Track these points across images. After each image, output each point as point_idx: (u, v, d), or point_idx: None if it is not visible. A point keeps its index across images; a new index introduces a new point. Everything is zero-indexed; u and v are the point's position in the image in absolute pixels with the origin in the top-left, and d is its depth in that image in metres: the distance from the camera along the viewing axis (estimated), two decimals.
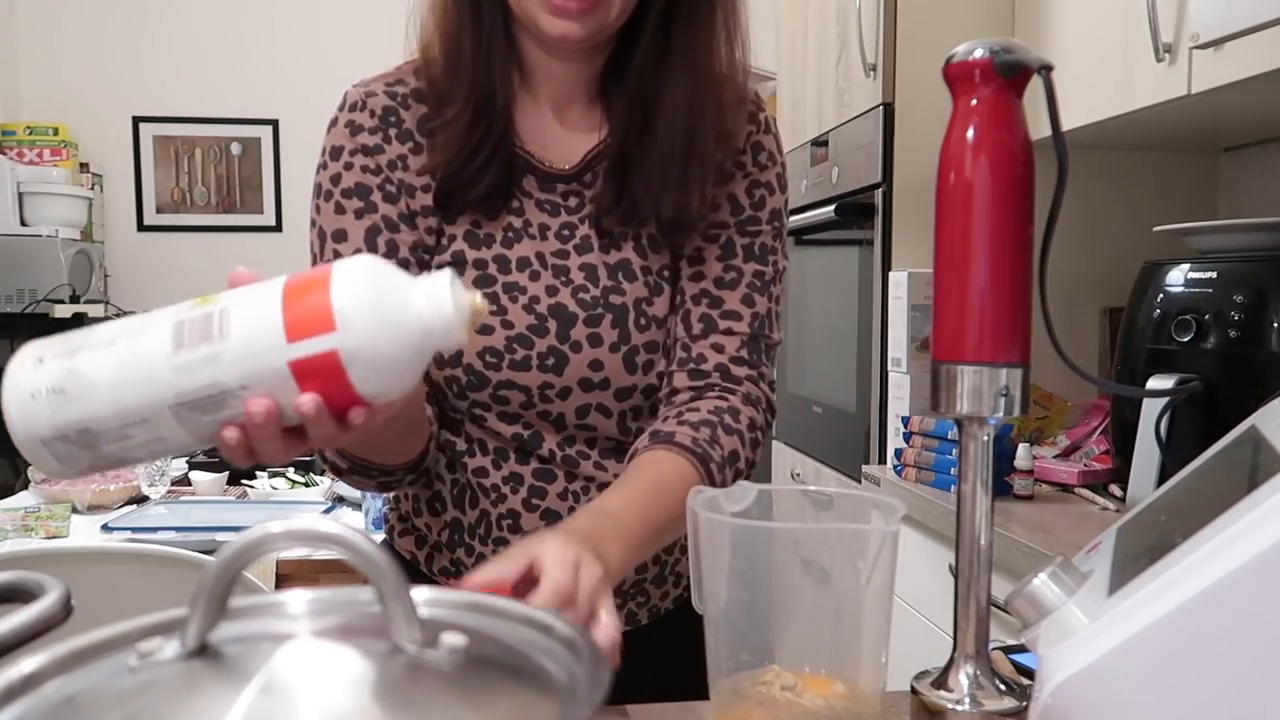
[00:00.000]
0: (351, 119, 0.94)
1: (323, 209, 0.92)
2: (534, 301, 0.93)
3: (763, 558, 0.65)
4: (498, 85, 0.92)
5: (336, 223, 0.92)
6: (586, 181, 0.97)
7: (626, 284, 0.95)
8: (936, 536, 1.66)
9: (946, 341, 0.65)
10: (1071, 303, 2.06)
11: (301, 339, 0.59)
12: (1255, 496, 0.47)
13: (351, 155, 0.93)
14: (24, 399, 0.58)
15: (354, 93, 0.96)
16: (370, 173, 0.93)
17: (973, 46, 0.64)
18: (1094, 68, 1.72)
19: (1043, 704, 0.49)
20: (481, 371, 0.91)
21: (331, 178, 0.93)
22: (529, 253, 0.94)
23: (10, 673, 0.37)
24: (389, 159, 0.93)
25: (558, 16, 0.87)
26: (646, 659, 0.89)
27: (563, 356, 0.92)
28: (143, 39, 4.13)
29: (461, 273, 0.92)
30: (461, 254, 0.93)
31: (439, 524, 0.99)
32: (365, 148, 0.93)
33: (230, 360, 0.58)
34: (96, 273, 3.79)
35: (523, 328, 0.92)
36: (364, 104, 0.95)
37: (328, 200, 0.92)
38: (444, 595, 0.44)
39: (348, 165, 0.93)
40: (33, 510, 1.93)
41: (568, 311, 0.93)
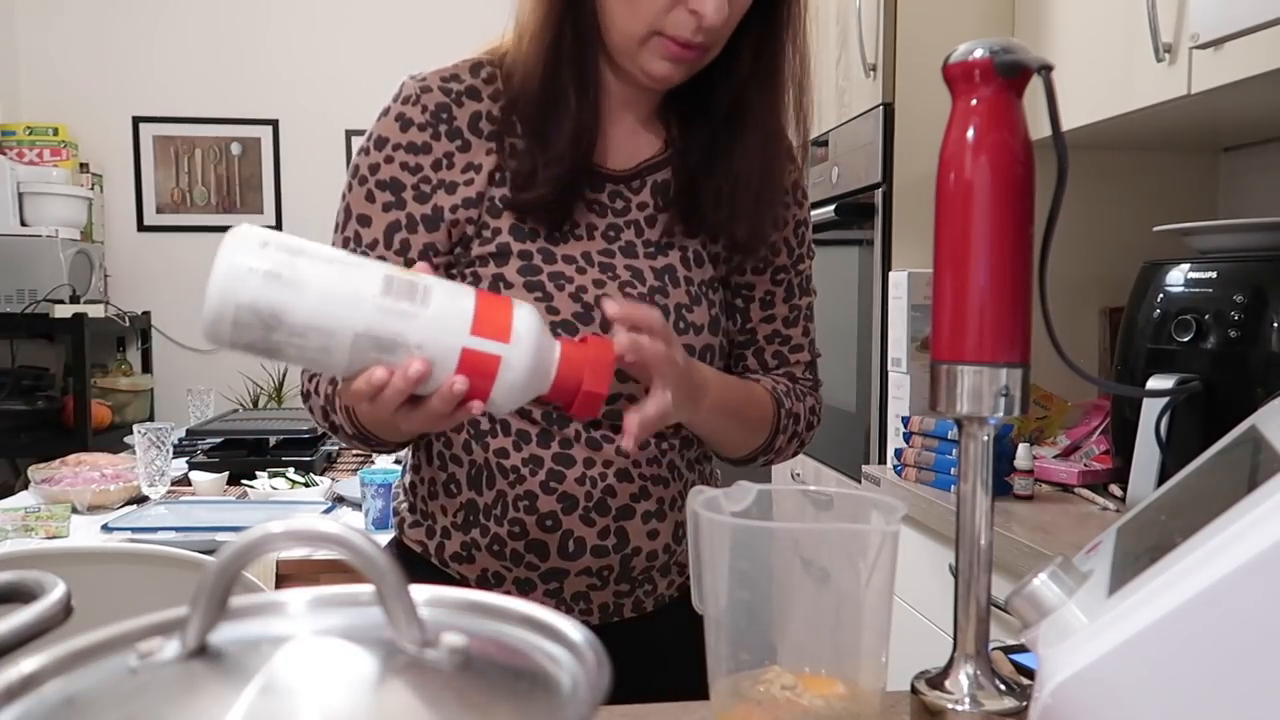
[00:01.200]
0: (403, 112, 0.97)
1: (354, 190, 0.98)
2: (580, 291, 0.96)
3: (763, 558, 0.65)
4: (591, 123, 0.96)
5: (364, 207, 0.98)
6: (635, 187, 1.01)
7: (671, 289, 1.00)
8: (936, 536, 1.66)
9: (946, 341, 0.65)
10: (1071, 303, 2.06)
11: (482, 337, 0.73)
12: (1255, 496, 0.47)
13: (394, 149, 0.97)
14: (238, 268, 0.69)
15: (410, 85, 0.98)
16: (408, 170, 0.97)
17: (973, 46, 0.64)
18: (1094, 68, 1.72)
19: (1043, 704, 0.49)
20: None
21: (370, 165, 0.98)
22: (575, 251, 0.98)
23: (10, 673, 0.37)
24: (434, 158, 0.97)
25: (670, 62, 0.92)
26: (650, 645, 0.99)
27: None
28: (142, 39, 4.13)
29: (506, 262, 0.95)
30: (507, 245, 0.96)
31: (454, 505, 1.01)
32: (411, 144, 0.97)
33: (421, 323, 0.71)
34: (96, 273, 3.79)
35: (568, 314, 0.95)
36: (418, 99, 0.97)
37: (361, 184, 0.98)
38: (444, 595, 0.44)
39: (388, 158, 0.97)
40: (33, 510, 1.93)
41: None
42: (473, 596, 0.44)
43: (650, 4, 0.90)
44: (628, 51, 0.94)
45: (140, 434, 2.04)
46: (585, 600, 1.01)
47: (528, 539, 0.98)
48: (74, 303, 3.52)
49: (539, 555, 0.99)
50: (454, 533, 1.01)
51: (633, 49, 0.93)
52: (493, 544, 0.99)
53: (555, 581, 1.00)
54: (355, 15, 4.26)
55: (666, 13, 0.90)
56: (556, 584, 1.00)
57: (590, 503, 0.97)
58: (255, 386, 4.18)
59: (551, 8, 0.93)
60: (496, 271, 0.95)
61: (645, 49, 0.92)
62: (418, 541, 1.04)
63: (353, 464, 2.58)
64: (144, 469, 2.06)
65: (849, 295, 2.25)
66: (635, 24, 0.91)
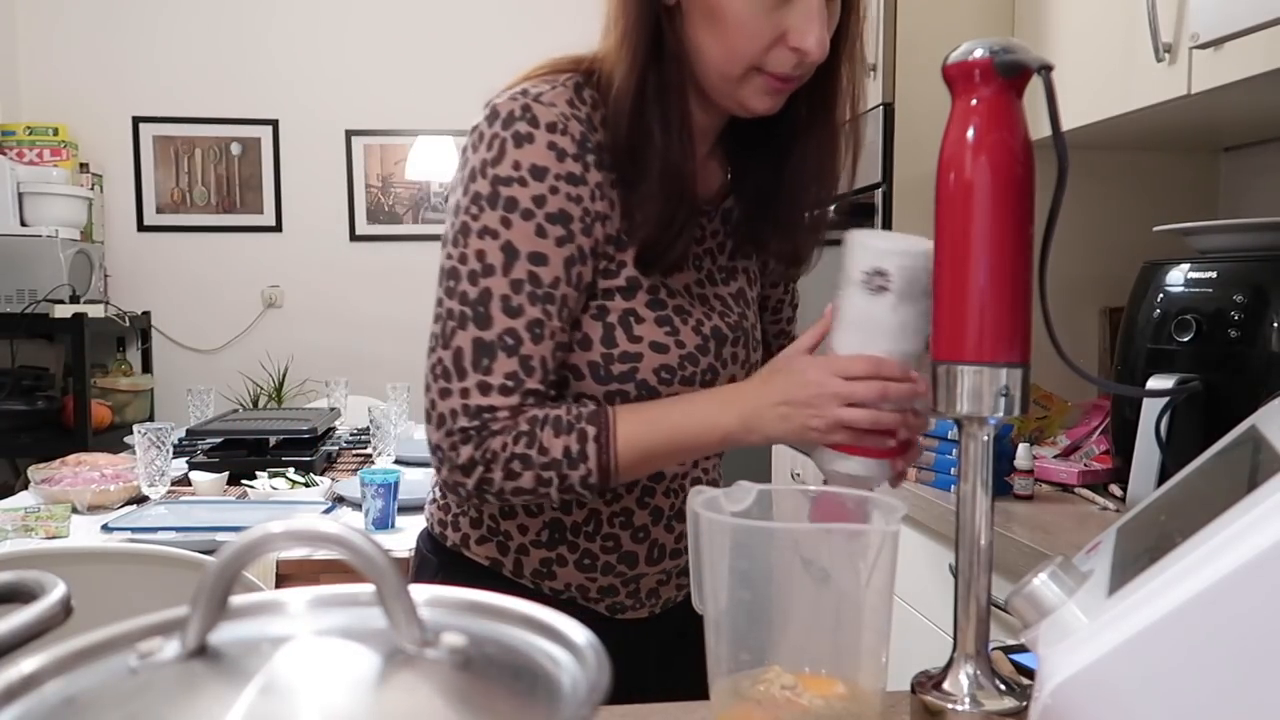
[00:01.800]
0: (553, 141, 0.91)
1: (517, 225, 0.90)
2: (700, 324, 0.99)
3: (763, 558, 0.65)
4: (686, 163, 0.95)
5: (536, 244, 0.90)
6: (710, 215, 1.04)
7: (747, 311, 1.07)
8: (936, 536, 1.66)
9: (946, 341, 0.65)
10: (1071, 303, 2.06)
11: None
12: (1255, 496, 0.47)
13: (556, 180, 0.91)
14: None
15: (545, 111, 0.91)
16: (572, 201, 0.92)
17: (973, 46, 0.64)
18: (1094, 68, 1.72)
19: (1043, 704, 0.49)
20: (655, 386, 0.96)
21: (535, 198, 0.90)
22: (680, 283, 1.00)
23: (10, 673, 0.37)
24: (590, 189, 0.93)
25: (771, 96, 0.93)
26: (653, 647, 1.05)
27: (715, 374, 1.01)
28: (142, 39, 4.13)
29: (634, 296, 0.96)
30: (636, 280, 0.96)
31: (536, 524, 1.02)
32: (571, 175, 0.92)
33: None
34: (96, 273, 3.79)
35: (692, 347, 0.98)
36: (564, 128, 0.92)
37: (527, 219, 0.90)
38: (444, 595, 0.44)
39: (553, 189, 0.91)
40: (33, 510, 1.93)
41: (723, 333, 1.01)
42: (473, 596, 0.44)
43: (750, 46, 0.90)
44: (724, 89, 0.93)
45: (140, 434, 2.04)
46: (655, 595, 1.07)
47: (620, 551, 1.03)
48: (74, 303, 3.52)
49: (628, 565, 1.04)
50: (534, 549, 1.02)
51: (730, 87, 0.93)
52: (583, 559, 1.02)
53: (635, 584, 1.05)
54: (355, 15, 4.26)
55: (767, 51, 0.90)
56: (635, 585, 1.05)
57: (673, 511, 1.04)
58: (255, 386, 4.18)
59: (639, 49, 0.92)
60: (627, 306, 0.96)
61: (744, 86, 0.92)
62: (488, 557, 1.04)
63: (353, 464, 2.58)
64: (144, 469, 2.06)
65: None
66: (734, 64, 0.91)
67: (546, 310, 0.90)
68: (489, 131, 0.91)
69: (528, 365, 0.89)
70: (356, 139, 4.31)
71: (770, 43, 0.90)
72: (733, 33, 0.89)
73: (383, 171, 4.34)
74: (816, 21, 0.89)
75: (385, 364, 4.15)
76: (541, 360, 0.90)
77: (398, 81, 4.26)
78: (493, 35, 4.21)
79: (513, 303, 0.89)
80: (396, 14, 4.28)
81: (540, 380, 0.90)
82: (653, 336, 0.96)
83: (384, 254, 4.34)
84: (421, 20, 4.26)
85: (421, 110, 4.23)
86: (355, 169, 4.32)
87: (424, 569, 1.09)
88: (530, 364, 0.90)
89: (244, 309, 4.29)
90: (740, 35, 0.89)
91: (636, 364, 0.95)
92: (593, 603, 1.04)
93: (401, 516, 1.94)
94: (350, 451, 2.77)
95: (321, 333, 4.29)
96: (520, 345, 0.89)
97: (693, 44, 0.92)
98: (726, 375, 1.02)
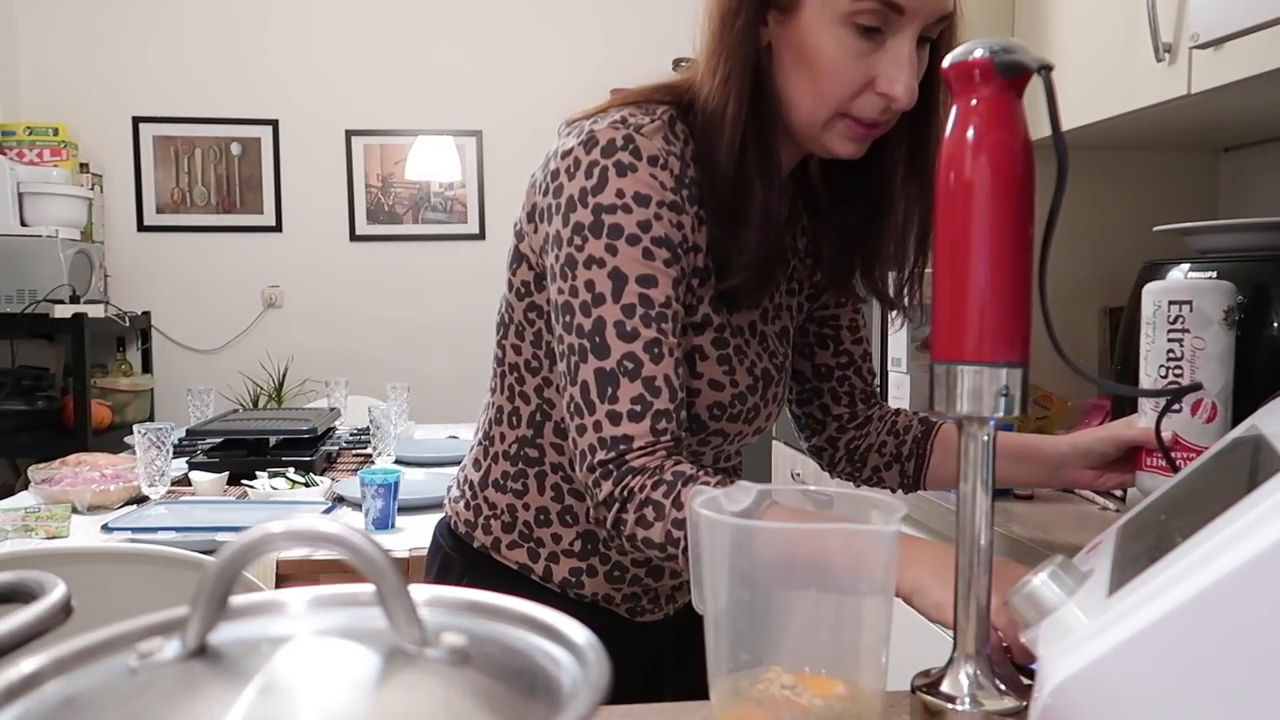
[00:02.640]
0: (654, 174, 0.91)
1: (623, 251, 0.89)
2: (753, 365, 1.01)
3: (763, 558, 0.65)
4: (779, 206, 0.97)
5: (644, 268, 0.90)
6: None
7: (788, 349, 1.09)
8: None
9: (946, 341, 0.65)
10: (1071, 303, 2.06)
11: None
12: (1255, 496, 0.47)
13: (660, 208, 0.91)
14: None
15: (648, 145, 0.91)
16: (675, 228, 0.92)
17: (973, 46, 0.64)
18: (1094, 68, 1.72)
19: (1043, 704, 0.49)
20: (705, 421, 0.98)
21: (640, 223, 0.90)
22: (744, 321, 1.02)
23: (10, 673, 0.37)
24: (690, 219, 0.93)
25: (856, 142, 0.93)
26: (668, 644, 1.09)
27: (759, 412, 1.02)
28: (142, 39, 4.13)
29: (703, 333, 0.97)
30: (709, 318, 0.97)
31: (569, 535, 1.03)
32: (675, 204, 0.92)
33: None
34: (96, 273, 3.79)
35: (743, 387, 1.00)
36: (665, 162, 0.92)
37: (633, 244, 0.90)
38: (444, 595, 0.44)
39: (657, 216, 0.91)
40: (33, 510, 1.93)
41: (771, 374, 1.03)
42: (473, 596, 0.44)
43: (839, 91, 0.90)
44: (810, 134, 0.94)
45: (140, 434, 2.04)
46: (673, 600, 1.10)
47: (649, 565, 1.04)
48: (74, 303, 3.52)
49: (655, 577, 1.06)
50: (565, 558, 1.04)
51: (815, 131, 0.93)
52: (613, 570, 1.04)
53: (655, 591, 1.08)
54: (355, 15, 4.26)
55: (854, 98, 0.90)
56: (655, 592, 1.08)
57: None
58: (255, 386, 4.18)
59: (743, 91, 0.91)
60: (696, 342, 0.97)
61: (829, 130, 0.92)
62: (519, 563, 1.05)
63: (353, 464, 2.58)
64: (144, 469, 2.06)
65: None
66: (822, 109, 0.91)
67: (661, 329, 0.89)
68: (587, 159, 0.90)
69: (652, 386, 0.88)
70: (356, 139, 4.31)
71: (860, 88, 0.89)
72: (823, 76, 0.89)
73: (383, 171, 4.34)
74: (906, 69, 0.88)
75: (385, 364, 4.16)
76: (665, 379, 0.89)
77: (397, 81, 4.26)
78: (493, 35, 4.21)
79: (627, 328, 0.88)
80: (396, 14, 4.27)
81: (669, 400, 0.89)
82: (712, 374, 0.97)
83: (384, 254, 4.34)
84: (421, 21, 4.26)
85: (421, 110, 4.24)
86: (355, 169, 4.32)
87: (449, 567, 1.08)
88: (655, 384, 0.88)
89: (244, 309, 4.29)
90: (831, 80, 0.89)
91: (694, 399, 0.96)
92: (615, 606, 1.07)
93: (401, 516, 1.94)
94: (350, 451, 2.77)
95: (321, 333, 4.29)
96: (641, 368, 0.88)
97: (781, 86, 0.92)
98: (764, 415, 1.04)
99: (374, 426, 2.47)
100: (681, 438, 0.90)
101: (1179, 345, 1.18)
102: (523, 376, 1.01)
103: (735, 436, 1.03)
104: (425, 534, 1.89)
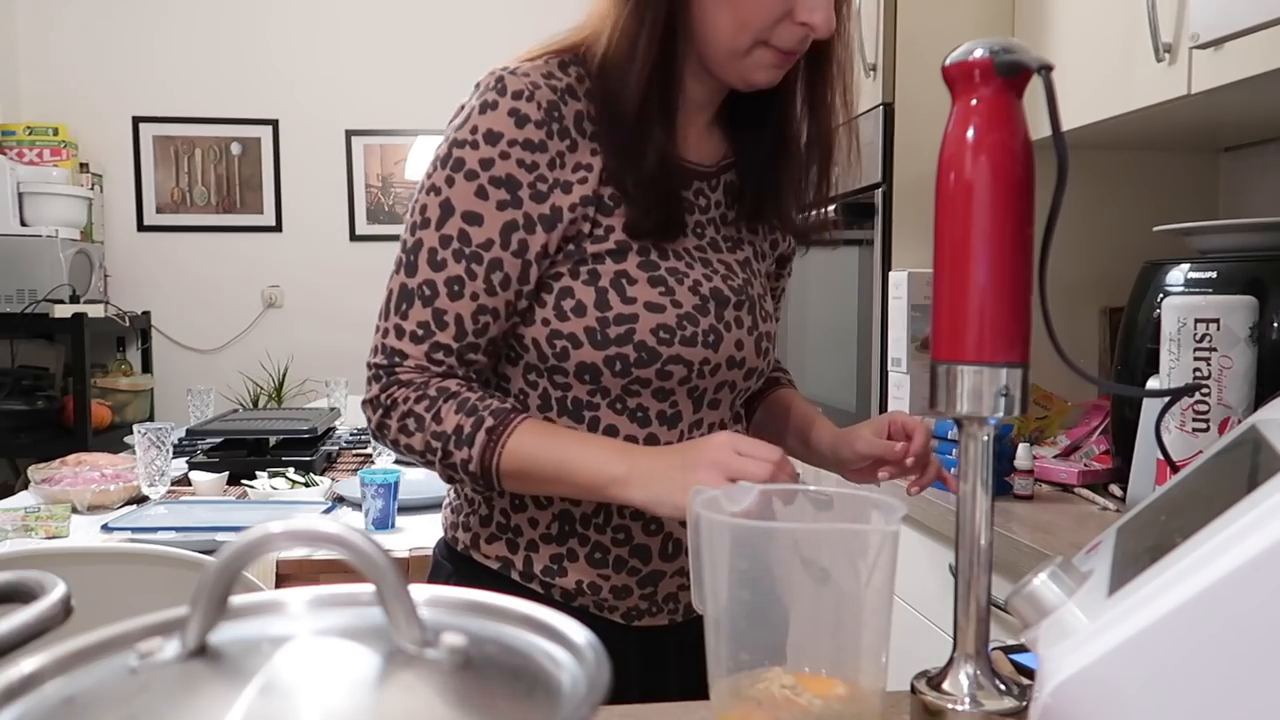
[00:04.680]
0: (516, 107, 0.94)
1: (458, 184, 0.94)
2: (696, 285, 0.99)
3: (763, 558, 0.65)
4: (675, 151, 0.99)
5: (473, 204, 0.93)
6: (713, 185, 1.05)
7: (754, 280, 1.07)
8: (936, 536, 1.66)
9: (946, 341, 0.65)
10: (1071, 303, 2.06)
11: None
12: (1255, 496, 0.47)
13: (510, 146, 0.93)
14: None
15: (515, 80, 0.95)
16: (525, 168, 0.94)
17: (973, 46, 0.64)
18: (1094, 68, 1.72)
19: (1043, 704, 0.49)
20: (654, 347, 0.96)
21: (482, 160, 0.93)
22: (679, 246, 1.01)
23: (10, 673, 0.37)
24: (549, 157, 0.95)
25: (774, 69, 0.95)
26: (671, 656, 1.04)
27: (719, 335, 1.00)
28: (142, 39, 4.13)
29: (625, 259, 0.97)
30: (626, 243, 0.97)
31: (546, 517, 1.01)
32: (529, 142, 0.94)
33: None
34: (96, 273, 3.79)
35: (689, 307, 0.98)
36: (531, 95, 0.94)
37: (470, 180, 0.93)
38: (444, 595, 0.44)
39: (504, 154, 0.93)
40: (33, 510, 1.93)
41: (723, 294, 1.01)
42: (473, 596, 0.44)
43: (760, 19, 0.92)
44: (729, 63, 0.96)
45: (140, 434, 2.04)
46: (674, 601, 1.04)
47: (632, 544, 1.01)
48: (74, 303, 3.52)
49: (642, 559, 1.01)
50: (543, 545, 1.01)
51: (735, 60, 0.95)
52: (594, 552, 1.00)
53: (651, 585, 1.02)
54: (355, 15, 4.26)
55: (774, 26, 0.93)
56: (652, 588, 1.02)
57: None
58: (255, 386, 4.18)
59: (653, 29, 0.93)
60: (619, 268, 0.96)
61: (748, 60, 0.95)
62: (499, 558, 1.03)
63: (353, 464, 2.58)
64: (144, 469, 2.05)
65: (849, 295, 2.25)
66: (743, 39, 0.94)
67: (471, 270, 0.93)
68: (463, 104, 0.96)
69: (441, 319, 0.93)
70: (356, 139, 4.31)
71: (779, 17, 0.92)
72: (744, 6, 0.92)
73: (383, 171, 4.34)
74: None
75: None
76: (457, 318, 0.93)
77: (398, 81, 4.26)
78: (493, 35, 4.21)
79: (438, 257, 0.93)
80: (396, 14, 4.27)
81: (453, 337, 0.94)
82: (647, 297, 0.96)
83: (384, 254, 4.33)
84: (421, 20, 4.26)
85: (421, 110, 4.23)
86: (355, 169, 4.32)
87: (437, 574, 1.08)
88: (444, 319, 0.93)
89: (244, 309, 4.29)
90: (751, 9, 0.92)
91: (633, 325, 0.95)
92: (608, 611, 1.02)
93: (401, 516, 1.94)
94: (350, 451, 2.77)
95: (321, 333, 4.29)
96: (436, 298, 0.93)
97: (699, 16, 0.94)
98: (732, 339, 1.01)
99: None
100: (459, 376, 0.95)
101: (1206, 364, 1.18)
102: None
103: (704, 366, 0.99)
104: (425, 534, 1.90)
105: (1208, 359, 1.18)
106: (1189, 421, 1.23)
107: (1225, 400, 1.19)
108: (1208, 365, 1.18)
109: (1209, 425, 1.18)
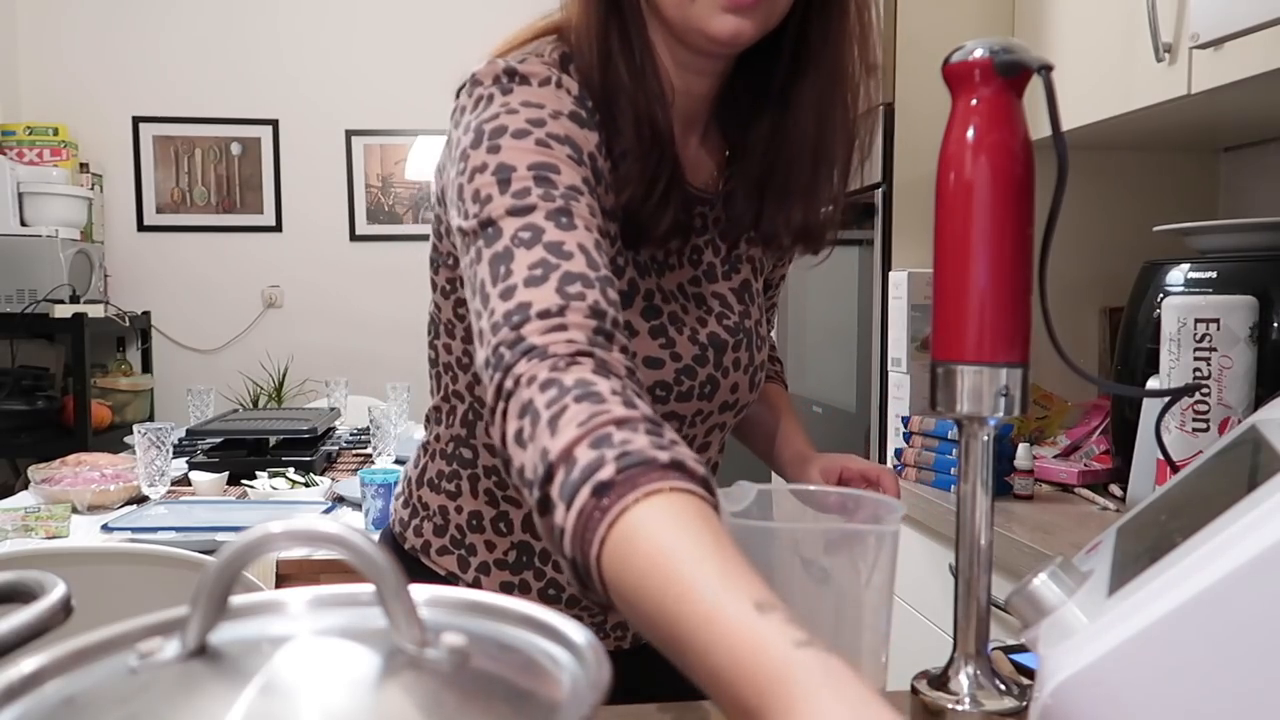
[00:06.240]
0: (547, 90, 0.81)
1: (508, 147, 0.75)
2: (694, 332, 0.92)
3: (763, 558, 0.65)
4: (658, 109, 0.86)
5: (541, 155, 0.75)
6: (710, 203, 0.97)
7: (750, 307, 0.99)
8: (936, 536, 1.66)
9: (946, 341, 0.65)
10: (1071, 303, 2.06)
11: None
12: (1255, 496, 0.47)
13: (555, 117, 0.78)
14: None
15: (531, 67, 0.82)
16: (580, 129, 0.80)
17: (973, 46, 0.64)
18: (1094, 68, 1.72)
19: (1043, 704, 0.49)
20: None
21: (532, 120, 0.77)
22: (673, 284, 0.93)
23: (10, 673, 0.37)
24: (599, 138, 0.83)
25: (734, 14, 0.82)
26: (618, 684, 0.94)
27: (716, 384, 0.93)
28: (143, 39, 4.13)
29: (632, 303, 0.88)
30: (635, 283, 0.89)
31: (504, 544, 0.96)
32: (575, 114, 0.81)
33: None
34: (96, 273, 3.79)
35: (688, 359, 0.91)
36: (559, 80, 0.83)
37: (521, 137, 0.75)
38: (444, 595, 0.44)
39: (555, 115, 0.78)
40: (33, 510, 1.93)
41: (720, 339, 0.94)
42: (473, 596, 0.44)
43: None
44: (682, 17, 0.84)
45: (140, 434, 2.04)
46: (623, 629, 1.01)
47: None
48: (74, 303, 3.52)
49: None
50: (496, 570, 0.97)
51: (686, 11, 0.83)
52: (548, 588, 0.96)
53: (601, 616, 0.98)
54: (356, 15, 4.26)
55: None
56: (603, 618, 0.99)
57: None
58: (255, 386, 4.18)
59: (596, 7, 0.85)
60: (624, 318, 0.80)
61: (697, 6, 0.83)
62: (448, 570, 0.98)
63: (353, 464, 2.58)
64: (144, 469, 2.06)
65: (849, 295, 2.25)
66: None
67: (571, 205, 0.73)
68: (470, 98, 0.81)
69: (560, 250, 0.69)
70: (356, 139, 4.31)
71: None
72: None
73: (383, 171, 4.34)
74: None
75: (385, 364, 4.15)
76: (580, 246, 0.70)
77: (398, 81, 4.26)
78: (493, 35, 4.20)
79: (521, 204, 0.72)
80: (397, 14, 4.28)
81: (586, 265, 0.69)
82: (647, 351, 0.89)
83: (384, 254, 4.34)
84: (422, 20, 4.26)
85: (421, 110, 4.23)
86: (355, 169, 4.33)
87: None
88: (563, 248, 0.69)
89: (244, 309, 4.29)
90: None
91: None
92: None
93: None
94: (350, 451, 2.77)
95: (321, 333, 4.29)
96: (542, 234, 0.70)
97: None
98: (728, 384, 0.95)
99: (374, 426, 2.47)
100: (608, 314, 0.67)
101: (1206, 364, 1.18)
102: (456, 374, 0.96)
103: (697, 418, 0.94)
104: None
105: (1208, 359, 1.18)
106: (1189, 421, 1.23)
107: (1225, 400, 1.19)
108: (1208, 365, 1.18)
109: (1209, 425, 1.18)
